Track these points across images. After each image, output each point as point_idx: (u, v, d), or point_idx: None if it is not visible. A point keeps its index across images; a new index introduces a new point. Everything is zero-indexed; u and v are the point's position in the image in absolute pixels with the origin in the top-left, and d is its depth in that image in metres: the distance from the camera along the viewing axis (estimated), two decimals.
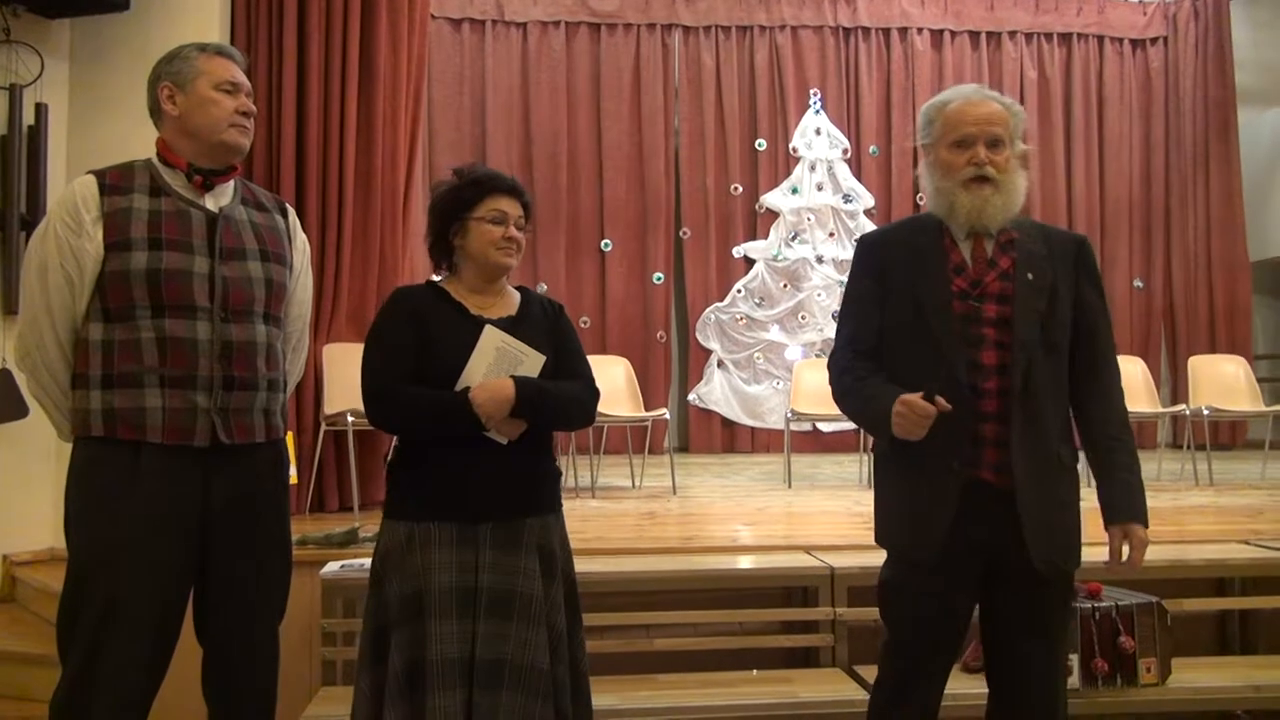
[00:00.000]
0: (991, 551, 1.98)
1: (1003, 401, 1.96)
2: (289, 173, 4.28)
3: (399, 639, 2.02)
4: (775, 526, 4.19)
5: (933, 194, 2.07)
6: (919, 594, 2.02)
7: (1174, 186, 8.39)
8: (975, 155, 2.00)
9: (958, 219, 2.02)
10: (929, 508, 1.96)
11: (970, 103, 2.04)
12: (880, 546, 2.14)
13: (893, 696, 2.08)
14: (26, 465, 3.84)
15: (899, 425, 1.91)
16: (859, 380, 2.04)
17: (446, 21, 7.79)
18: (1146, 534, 2.02)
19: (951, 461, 1.95)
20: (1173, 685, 2.87)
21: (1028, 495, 1.94)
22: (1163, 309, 8.40)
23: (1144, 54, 8.51)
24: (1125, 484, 2.03)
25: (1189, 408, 5.98)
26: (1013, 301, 1.98)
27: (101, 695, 1.97)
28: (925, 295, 2.00)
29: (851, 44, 8.26)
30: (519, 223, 2.20)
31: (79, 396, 2.05)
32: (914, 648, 2.05)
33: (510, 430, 2.09)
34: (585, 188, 7.93)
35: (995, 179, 2.00)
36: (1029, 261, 2.02)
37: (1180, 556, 3.36)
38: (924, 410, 1.88)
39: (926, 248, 2.05)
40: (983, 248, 2.04)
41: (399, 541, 2.08)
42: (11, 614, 3.64)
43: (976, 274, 2.01)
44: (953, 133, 2.03)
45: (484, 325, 2.11)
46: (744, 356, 7.95)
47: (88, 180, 2.08)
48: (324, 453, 4.33)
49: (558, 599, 2.13)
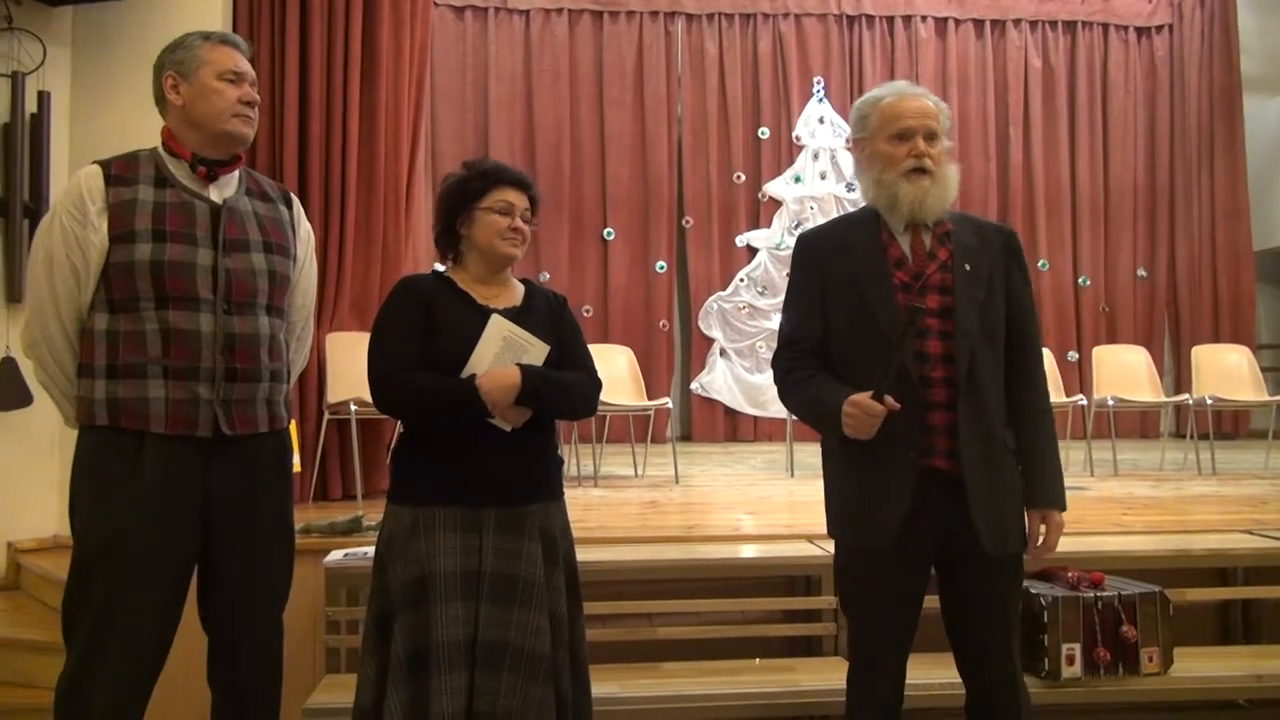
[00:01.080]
0: (943, 537, 2.02)
1: (950, 390, 2.00)
2: (292, 161, 4.27)
3: (403, 623, 2.05)
4: (778, 515, 4.20)
5: (871, 187, 2.09)
6: (876, 581, 2.05)
7: (1178, 175, 8.36)
8: (915, 147, 2.03)
9: (899, 210, 2.04)
10: (885, 497, 1.99)
11: (905, 97, 2.08)
12: (832, 537, 2.18)
13: (865, 684, 2.12)
14: (31, 453, 3.84)
15: (850, 425, 1.94)
16: (803, 380, 2.07)
17: (449, 9, 7.77)
18: (1063, 519, 2.09)
19: (909, 452, 1.98)
20: (1175, 675, 2.87)
21: (977, 481, 1.99)
22: (1166, 298, 8.39)
23: (1149, 42, 8.48)
24: (1048, 470, 2.07)
25: (1192, 397, 5.97)
26: (953, 292, 2.02)
27: (105, 680, 1.98)
28: (868, 289, 2.03)
29: (855, 31, 8.23)
30: (525, 215, 2.23)
31: (84, 385, 2.06)
32: (876, 633, 2.10)
33: (515, 418, 2.11)
34: (588, 176, 7.92)
35: (932, 171, 2.04)
36: (965, 253, 2.06)
37: (1183, 546, 3.36)
38: (874, 410, 1.91)
39: (865, 242, 2.07)
40: (921, 240, 2.07)
41: (403, 526, 2.11)
42: (16, 601, 3.65)
43: (918, 267, 2.05)
44: (891, 126, 2.05)
45: (490, 314, 2.13)
46: (746, 345, 7.95)
47: (93, 171, 2.07)
48: (327, 441, 4.34)
49: (559, 584, 2.16)
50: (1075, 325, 8.27)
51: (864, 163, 2.12)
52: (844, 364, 2.05)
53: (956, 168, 2.10)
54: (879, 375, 1.92)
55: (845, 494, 2.11)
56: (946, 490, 1.99)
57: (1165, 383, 7.58)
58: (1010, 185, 8.26)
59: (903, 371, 1.95)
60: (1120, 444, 5.97)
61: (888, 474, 1.99)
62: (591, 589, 2.97)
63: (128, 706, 2.01)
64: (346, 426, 4.32)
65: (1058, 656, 2.77)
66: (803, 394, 2.07)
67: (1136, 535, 3.61)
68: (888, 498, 1.99)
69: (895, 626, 2.08)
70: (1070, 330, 8.24)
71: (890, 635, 2.08)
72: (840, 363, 2.06)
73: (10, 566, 3.80)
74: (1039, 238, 8.23)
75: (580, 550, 2.29)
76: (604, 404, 5.40)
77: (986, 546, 1.98)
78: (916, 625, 2.11)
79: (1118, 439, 5.91)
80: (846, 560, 2.15)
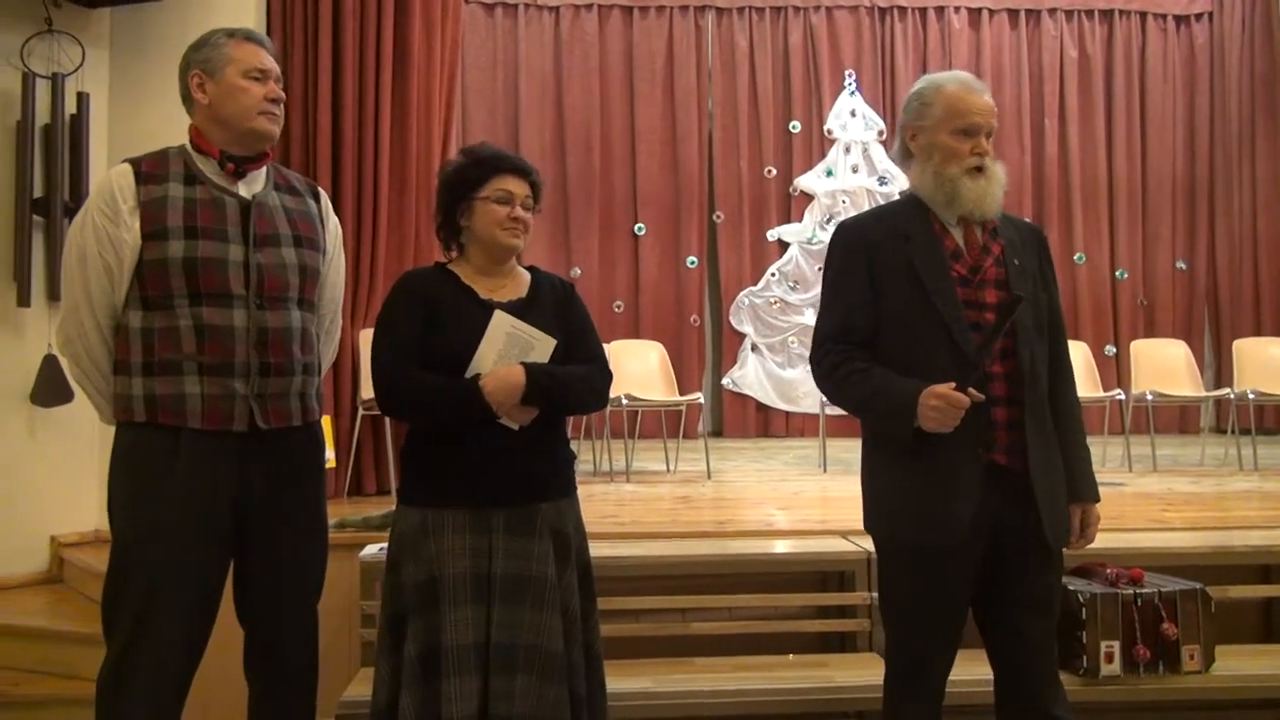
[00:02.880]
0: (1001, 533, 1.99)
1: (1010, 385, 1.98)
2: (325, 159, 4.30)
3: (414, 625, 2.04)
4: (810, 511, 4.18)
5: (929, 178, 2.03)
6: (934, 579, 2.01)
7: (1219, 165, 8.21)
8: (979, 145, 2.01)
9: (960, 206, 2.01)
10: (953, 494, 1.95)
11: (971, 91, 2.04)
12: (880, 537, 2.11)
13: (905, 688, 2.08)
14: (73, 448, 3.91)
15: (933, 418, 1.88)
16: (859, 372, 2.00)
17: (480, 6, 7.80)
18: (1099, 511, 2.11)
19: (976, 448, 1.95)
20: (1216, 673, 2.82)
21: (1040, 476, 1.98)
22: (1206, 290, 8.25)
23: (1188, 30, 8.32)
24: (1085, 463, 2.09)
25: (1233, 391, 5.86)
26: (1008, 286, 2.00)
27: (144, 673, 2.01)
28: (927, 280, 1.98)
29: (887, 24, 8.16)
30: (526, 203, 2.16)
31: (121, 382, 2.08)
32: (923, 636, 2.06)
33: (522, 417, 2.07)
34: (618, 171, 7.92)
35: (989, 169, 2.02)
36: (1012, 248, 2.04)
37: (1225, 543, 3.31)
38: (960, 401, 1.87)
39: (919, 233, 2.02)
40: (974, 234, 2.04)
41: (412, 527, 2.09)
42: (59, 594, 3.72)
43: (974, 260, 2.02)
44: (958, 119, 2.01)
45: (494, 310, 2.09)
46: (778, 340, 7.92)
47: (124, 169, 2.09)
48: (361, 436, 4.37)
49: (571, 583, 2.13)
50: (1113, 319, 8.15)
51: (919, 151, 2.06)
52: (897, 356, 1.99)
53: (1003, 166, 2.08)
54: (964, 366, 1.89)
55: (905, 492, 2.02)
56: (1008, 487, 1.97)
57: (1205, 377, 7.46)
58: (1046, 177, 8.16)
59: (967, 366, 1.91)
60: (1159, 439, 5.88)
61: (954, 470, 1.95)
62: (624, 584, 2.98)
63: (167, 698, 2.04)
64: (380, 422, 4.35)
65: (1096, 654, 2.74)
66: (860, 387, 1.99)
67: (1177, 531, 3.56)
68: (956, 494, 1.94)
69: (948, 626, 2.05)
70: (1108, 324, 8.12)
71: (943, 635, 2.05)
72: (893, 355, 1.99)
73: (53, 560, 3.87)
74: (1075, 230, 8.12)
75: (612, 545, 2.30)
76: (635, 399, 5.41)
77: (1051, 541, 1.98)
78: (960, 634, 2.07)
79: (1157, 434, 5.82)
80: (898, 558, 2.07)
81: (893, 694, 2.11)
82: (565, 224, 7.78)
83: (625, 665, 2.83)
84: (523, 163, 2.20)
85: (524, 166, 2.19)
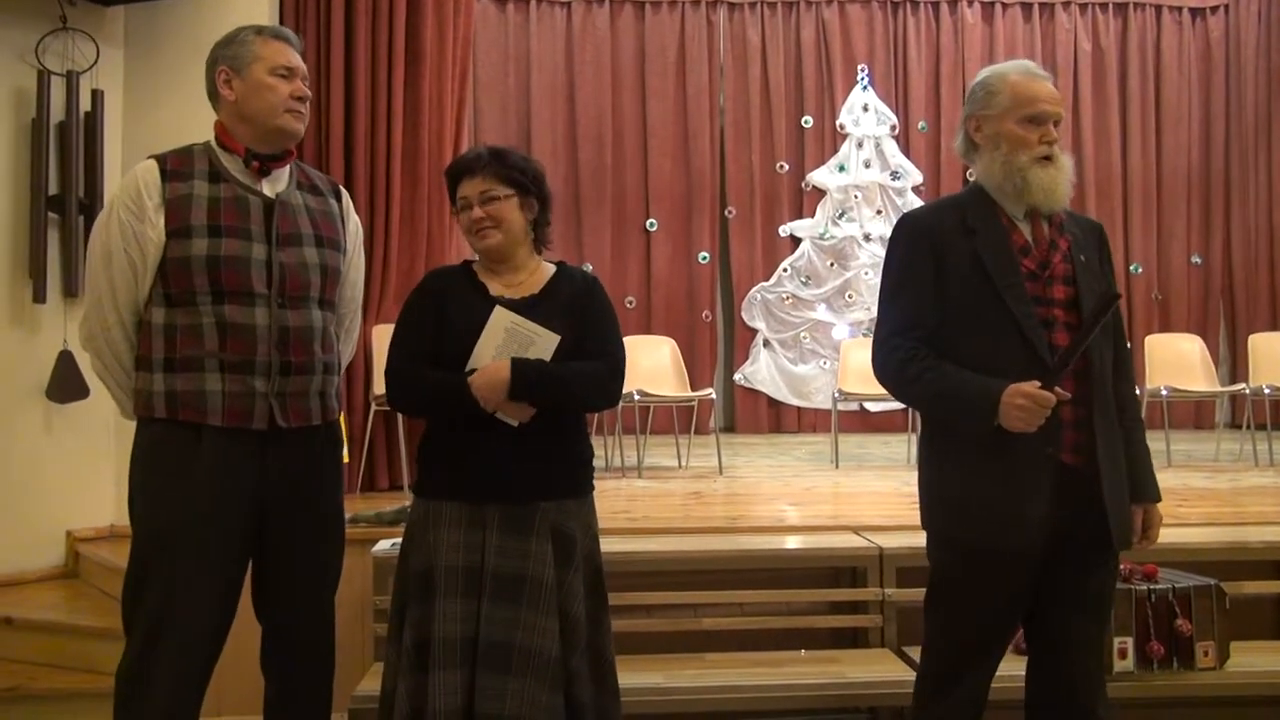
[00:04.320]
0: (1064, 533, 1.94)
1: (1078, 383, 1.94)
2: (337, 155, 4.32)
3: (411, 614, 2.07)
4: (823, 506, 4.18)
5: (998, 168, 1.98)
6: (988, 584, 1.96)
7: (1234, 159, 8.15)
8: (1048, 133, 1.98)
9: (1031, 197, 1.96)
10: (1026, 494, 1.90)
11: (1036, 79, 2.01)
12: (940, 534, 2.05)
13: (942, 687, 2.02)
14: (89, 444, 3.94)
15: (1019, 417, 1.84)
16: (931, 369, 1.94)
17: (492, 1, 7.80)
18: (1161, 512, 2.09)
19: (1046, 446, 1.91)
20: (1231, 670, 2.81)
21: (1109, 475, 1.95)
22: (1222, 285, 8.20)
23: (1204, 23, 8.26)
24: (1147, 463, 2.07)
25: (1249, 387, 5.83)
26: (1076, 282, 1.97)
27: (164, 668, 2.02)
28: (996, 276, 1.93)
29: (900, 18, 8.13)
30: (485, 198, 2.14)
31: (142, 379, 2.10)
32: (972, 639, 2.01)
33: (518, 413, 2.06)
34: (630, 167, 7.92)
35: (1058, 159, 1.98)
36: (1078, 244, 2.01)
37: (1239, 538, 3.30)
38: (1047, 400, 1.84)
39: (986, 227, 1.98)
40: (1042, 229, 2.00)
41: (419, 518, 2.13)
42: (75, 588, 3.74)
43: (1042, 255, 1.98)
44: (1026, 107, 1.97)
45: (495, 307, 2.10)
46: (790, 336, 7.90)
47: (150, 166, 2.10)
48: (374, 432, 4.39)
49: (575, 586, 2.09)
50: (1127, 314, 8.07)
51: (986, 141, 2.01)
52: (964, 352, 1.93)
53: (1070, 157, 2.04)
54: (1055, 364, 1.86)
55: (971, 488, 1.96)
56: (1075, 487, 1.93)
57: (1220, 372, 7.42)
58: None
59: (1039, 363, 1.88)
60: (1174, 435, 5.85)
61: (1025, 470, 1.90)
62: (636, 579, 2.99)
63: (186, 693, 2.06)
64: (393, 418, 4.37)
65: (1110, 650, 2.73)
66: (935, 384, 1.93)
67: (1191, 527, 3.54)
68: (1028, 495, 1.90)
69: (999, 631, 2.03)
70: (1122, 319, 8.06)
71: (991, 639, 2.01)
72: (958, 350, 1.94)
73: (69, 555, 3.89)
74: None
75: (624, 541, 2.30)
76: (647, 395, 5.41)
77: (1116, 541, 1.96)
78: (1010, 639, 2.06)
79: (1171, 429, 5.79)
80: (958, 556, 2.00)
81: (926, 691, 2.06)
82: (577, 219, 7.78)
83: (637, 660, 2.84)
84: (468, 161, 2.19)
85: (470, 164, 2.18)
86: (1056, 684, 2.02)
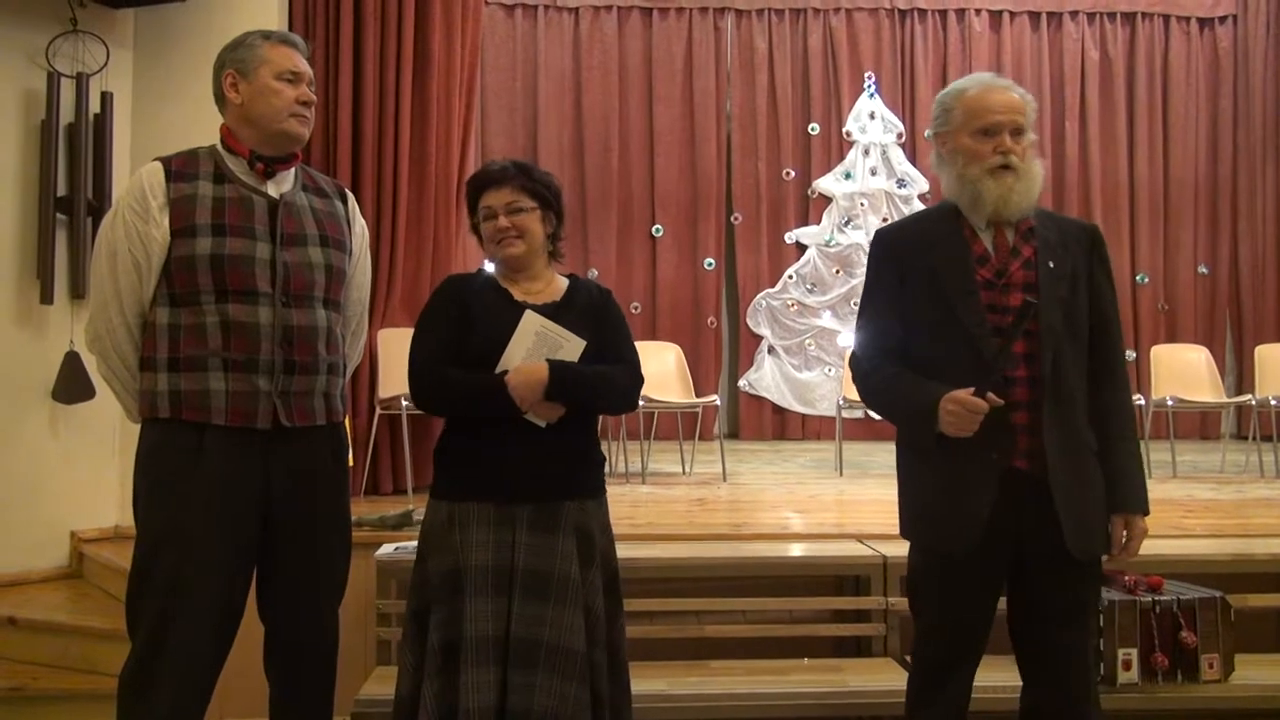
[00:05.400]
0: (1024, 540, 1.98)
1: (1033, 389, 1.96)
2: (345, 159, 4.33)
3: (437, 616, 2.08)
4: (826, 514, 4.17)
5: (953, 182, 2.04)
6: (952, 585, 2.02)
7: (1242, 170, 8.13)
8: (1001, 143, 1.99)
9: (983, 208, 2.01)
10: (968, 499, 1.95)
11: (992, 90, 2.03)
12: (906, 539, 2.14)
13: (927, 686, 2.08)
14: (93, 445, 3.95)
15: (950, 423, 1.91)
16: (889, 378, 2.04)
17: (500, 7, 7.82)
18: (1146, 524, 2.04)
19: (990, 452, 1.95)
20: (1236, 682, 2.80)
21: (1061, 482, 1.95)
22: (1228, 295, 8.17)
23: (1212, 33, 8.25)
24: (1130, 472, 2.03)
25: (1255, 398, 5.81)
26: (1037, 289, 1.98)
27: (168, 670, 2.02)
28: (950, 287, 1.99)
29: (907, 26, 8.13)
30: (511, 209, 2.20)
31: (147, 379, 2.10)
32: (946, 638, 2.06)
33: (548, 413, 2.11)
34: (636, 173, 7.92)
35: (1018, 167, 2.00)
36: (1048, 249, 2.02)
37: (1245, 550, 3.28)
38: (977, 406, 1.88)
39: (947, 239, 2.03)
40: (1004, 237, 2.04)
41: (440, 520, 2.14)
42: (78, 589, 3.75)
43: (1000, 264, 2.01)
44: (977, 120, 2.01)
45: (525, 310, 2.14)
46: (795, 343, 7.90)
47: (155, 167, 2.12)
48: (378, 436, 4.39)
49: (596, 583, 2.15)
50: (1133, 323, 8.08)
51: (946, 157, 2.06)
52: (925, 362, 2.01)
53: (1042, 163, 2.06)
54: (984, 371, 1.88)
55: (924, 495, 2.06)
56: (1028, 491, 1.95)
57: (1227, 383, 7.38)
58: (1066, 180, 8.10)
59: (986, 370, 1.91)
60: (1180, 445, 5.83)
61: (968, 475, 1.95)
62: (639, 586, 2.98)
63: (191, 696, 2.05)
64: (398, 421, 4.37)
65: (1114, 661, 2.72)
66: (889, 393, 2.05)
67: (1196, 539, 3.53)
68: (968, 499, 1.95)
69: (969, 632, 2.04)
70: (1128, 329, 8.05)
71: (964, 641, 2.04)
72: (921, 361, 2.02)
73: (73, 555, 3.90)
74: None
75: (628, 547, 2.30)
76: (651, 401, 5.41)
77: (1071, 549, 1.95)
78: (987, 637, 2.07)
79: (1177, 440, 5.77)
80: (922, 563, 2.10)
81: (915, 691, 2.11)
82: (583, 225, 7.78)
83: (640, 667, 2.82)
84: (494, 172, 2.24)
85: (495, 176, 2.23)
86: (1047, 696, 2.04)
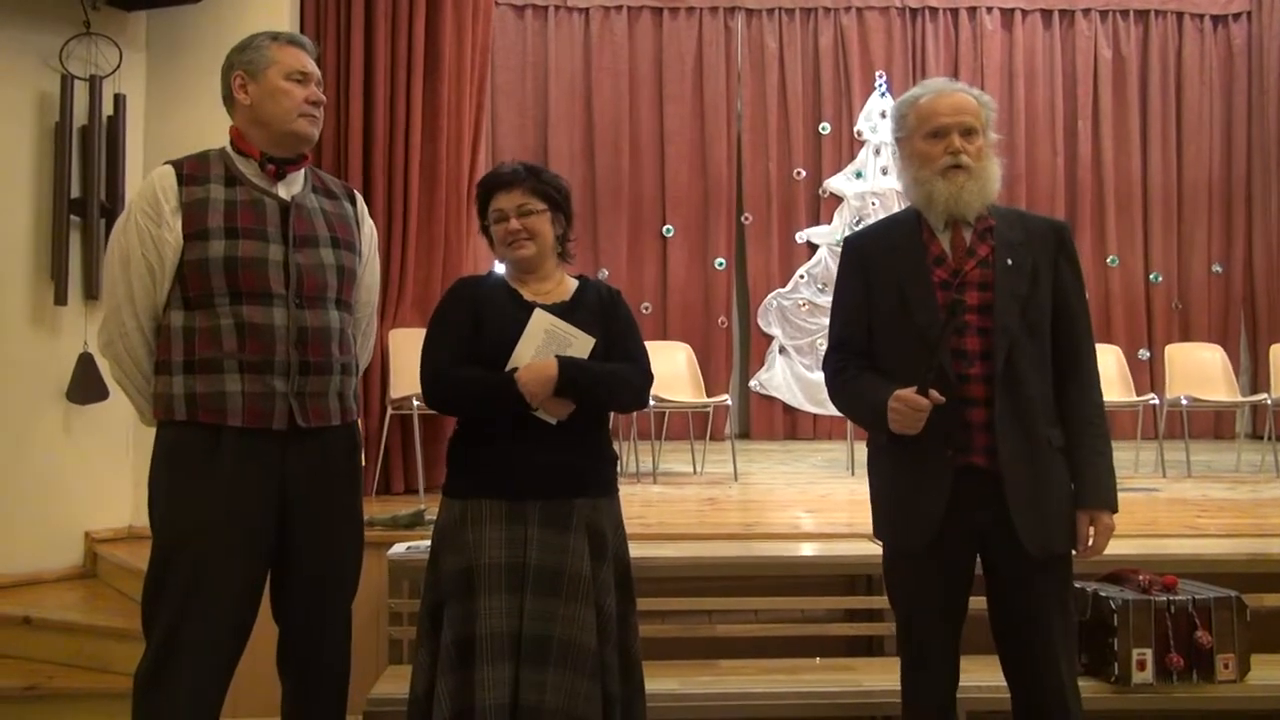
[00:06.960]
0: (986, 536, 2.01)
1: (988, 386, 1.99)
2: (356, 161, 4.34)
3: (451, 613, 2.09)
4: (838, 514, 4.16)
5: (910, 186, 2.11)
6: (915, 579, 2.07)
7: (1256, 168, 8.08)
8: (950, 144, 2.03)
9: (936, 208, 2.05)
10: (923, 496, 2.00)
11: (941, 95, 2.07)
12: (879, 539, 2.20)
13: (914, 669, 2.13)
14: (107, 446, 3.96)
15: (895, 421, 1.95)
16: (850, 379, 2.10)
17: (510, 8, 7.83)
18: (1113, 521, 2.05)
19: (945, 449, 1.98)
20: (1252, 682, 2.78)
21: (1015, 478, 1.97)
22: (1243, 294, 8.12)
23: (1225, 30, 8.20)
24: (1096, 469, 2.04)
25: (1270, 397, 5.77)
26: (993, 288, 2.01)
27: (183, 669, 2.02)
28: (908, 288, 2.03)
29: (918, 24, 8.11)
30: (522, 211, 2.22)
31: (161, 382, 2.11)
32: (920, 627, 2.10)
33: (558, 410, 2.13)
34: (647, 173, 7.92)
35: (970, 167, 2.03)
36: (1007, 247, 2.04)
37: (1260, 550, 3.26)
38: (918, 404, 1.92)
39: (905, 242, 2.08)
40: (961, 237, 2.06)
41: (453, 518, 2.16)
42: (93, 589, 3.76)
43: (956, 263, 2.04)
44: (927, 124, 2.06)
45: (534, 309, 2.16)
46: (806, 342, 7.88)
47: (166, 171, 2.12)
48: (390, 436, 4.41)
49: (608, 581, 2.16)
50: (1146, 323, 8.05)
51: (903, 161, 2.13)
52: (888, 363, 2.07)
53: (1000, 162, 2.09)
54: (922, 370, 1.92)
55: (885, 494, 2.12)
56: (986, 488, 1.98)
57: (1241, 382, 7.35)
58: (1079, 179, 8.07)
59: (940, 368, 1.95)
60: (1194, 445, 5.80)
61: (923, 472, 2.00)
62: (650, 585, 2.98)
63: (206, 696, 2.06)
64: (409, 421, 4.38)
65: (1128, 661, 2.70)
66: (850, 393, 2.12)
67: (1211, 538, 3.51)
68: (923, 496, 1.99)
69: (938, 627, 2.08)
70: (1141, 328, 8.03)
71: (934, 636, 2.08)
72: (884, 362, 2.08)
73: (87, 555, 3.92)
74: (1109, 233, 8.02)
75: (639, 546, 2.30)
76: (662, 401, 5.40)
77: (1027, 546, 1.97)
78: (961, 626, 2.10)
79: (1191, 440, 5.74)
80: (890, 560, 2.17)
81: (906, 676, 2.16)
82: (594, 225, 7.78)
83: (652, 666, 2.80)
84: (504, 175, 2.25)
85: (506, 178, 2.24)
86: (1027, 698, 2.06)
